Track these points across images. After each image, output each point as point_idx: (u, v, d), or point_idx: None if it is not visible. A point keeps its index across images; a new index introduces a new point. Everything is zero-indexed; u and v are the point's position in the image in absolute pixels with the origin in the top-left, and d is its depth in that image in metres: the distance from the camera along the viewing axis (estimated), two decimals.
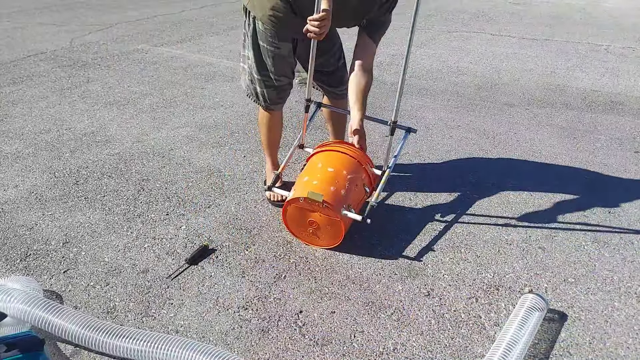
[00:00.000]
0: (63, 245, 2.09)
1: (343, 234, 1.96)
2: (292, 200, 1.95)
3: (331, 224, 1.94)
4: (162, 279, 1.89)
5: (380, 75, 4.30)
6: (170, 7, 7.56)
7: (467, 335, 1.64)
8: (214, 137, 3.11)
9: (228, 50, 5.15)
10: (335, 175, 1.97)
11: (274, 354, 1.57)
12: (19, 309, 1.51)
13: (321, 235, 2.01)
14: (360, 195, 2.06)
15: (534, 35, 5.88)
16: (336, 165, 2.02)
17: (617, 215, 2.29)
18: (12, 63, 4.63)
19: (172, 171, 2.69)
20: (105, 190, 2.50)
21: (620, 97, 3.79)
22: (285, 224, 2.08)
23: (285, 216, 2.04)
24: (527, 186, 2.54)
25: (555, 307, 1.75)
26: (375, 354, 1.57)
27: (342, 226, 1.93)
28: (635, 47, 5.26)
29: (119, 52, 5.02)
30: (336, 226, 1.94)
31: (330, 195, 1.88)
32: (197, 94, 3.87)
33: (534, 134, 3.16)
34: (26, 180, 2.60)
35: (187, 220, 2.26)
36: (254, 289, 1.84)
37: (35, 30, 5.93)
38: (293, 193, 1.97)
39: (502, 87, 4.06)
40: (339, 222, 1.92)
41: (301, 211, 1.97)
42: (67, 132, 3.17)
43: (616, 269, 1.94)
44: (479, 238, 2.13)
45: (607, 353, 1.57)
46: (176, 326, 1.67)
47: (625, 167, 2.73)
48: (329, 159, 2.08)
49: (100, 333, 1.47)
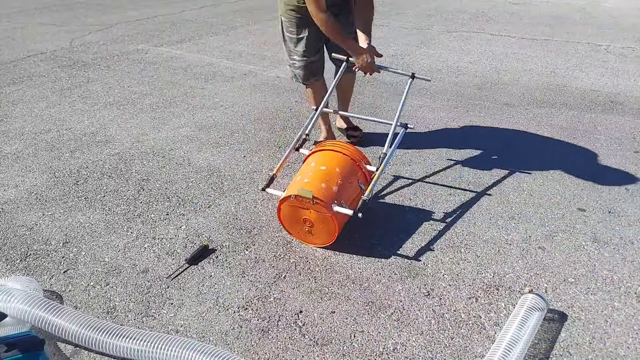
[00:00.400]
0: (63, 245, 2.09)
1: (337, 230, 1.96)
2: (284, 199, 1.97)
3: (324, 221, 1.95)
4: (162, 279, 1.89)
5: (379, 76, 4.30)
6: (170, 7, 7.56)
7: (467, 335, 1.64)
8: (213, 137, 3.11)
9: (228, 51, 5.15)
10: (327, 173, 2.00)
11: (274, 353, 1.57)
12: (19, 309, 1.51)
13: (316, 233, 2.01)
14: (356, 192, 2.07)
15: (533, 35, 5.88)
16: (329, 163, 2.05)
17: (617, 215, 2.29)
18: (12, 63, 4.64)
19: (172, 171, 2.69)
20: (105, 191, 2.50)
21: (620, 97, 3.79)
22: (281, 223, 2.08)
23: (280, 215, 2.04)
24: (527, 186, 2.54)
25: (555, 307, 1.75)
26: (375, 354, 1.57)
27: (334, 223, 1.93)
28: (635, 47, 5.27)
29: (119, 52, 5.02)
30: (329, 223, 1.94)
31: (320, 191, 1.90)
32: (197, 94, 3.87)
33: (534, 134, 3.16)
34: (26, 180, 2.60)
35: (187, 220, 2.26)
36: (254, 289, 1.84)
37: (35, 31, 5.93)
38: (285, 192, 1.99)
39: (502, 87, 4.06)
40: (331, 219, 1.92)
41: (295, 209, 1.98)
42: (67, 132, 3.17)
43: (616, 268, 1.94)
44: (479, 238, 2.13)
45: (607, 353, 1.57)
46: (176, 326, 1.67)
47: (625, 166, 2.73)
48: (322, 158, 2.11)
49: (101, 333, 1.47)
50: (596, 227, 2.21)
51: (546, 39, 5.73)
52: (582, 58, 4.90)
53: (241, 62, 4.74)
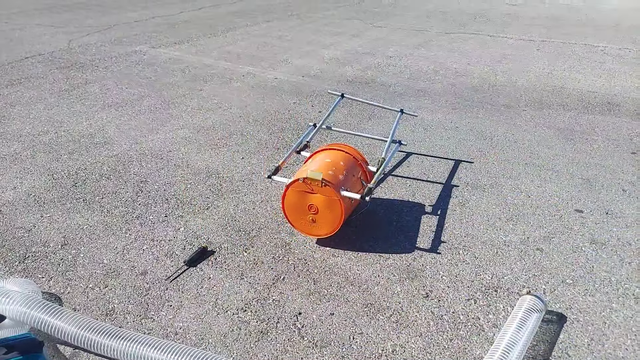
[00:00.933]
0: (62, 247, 2.09)
1: (342, 216, 1.97)
2: (291, 184, 1.99)
3: (330, 206, 1.96)
4: (161, 280, 1.89)
5: (377, 77, 4.30)
6: (169, 8, 7.56)
7: (465, 337, 1.64)
8: (212, 139, 3.11)
9: (226, 52, 5.15)
10: (332, 164, 2.07)
11: (273, 355, 1.57)
12: (18, 311, 1.51)
13: (320, 222, 2.02)
14: (358, 187, 2.11)
15: (531, 37, 5.90)
16: (333, 158, 2.13)
17: (614, 216, 2.30)
18: (10, 65, 4.63)
19: (171, 173, 2.69)
20: (104, 192, 2.50)
21: (616, 99, 3.80)
22: (284, 213, 2.08)
23: (284, 204, 2.05)
24: (525, 188, 2.54)
25: (553, 308, 1.75)
26: (374, 356, 1.57)
27: (341, 207, 1.94)
28: (631, 49, 5.28)
29: (117, 54, 5.01)
30: (335, 209, 1.96)
31: (329, 176, 1.96)
32: (195, 96, 3.87)
33: (532, 135, 3.17)
34: (24, 182, 2.59)
35: (185, 222, 2.26)
36: (252, 291, 1.84)
37: (33, 32, 5.92)
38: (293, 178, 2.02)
39: (499, 89, 4.07)
40: (338, 203, 1.94)
41: (301, 195, 1.99)
42: (65, 133, 3.17)
43: (614, 270, 1.95)
44: (477, 239, 2.14)
45: (605, 354, 1.57)
46: (175, 328, 1.67)
47: (622, 168, 2.74)
48: (326, 154, 2.19)
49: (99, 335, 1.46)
50: (594, 228, 2.21)
51: (543, 40, 5.74)
52: (580, 59, 4.92)
53: (239, 64, 4.74)
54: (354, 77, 4.33)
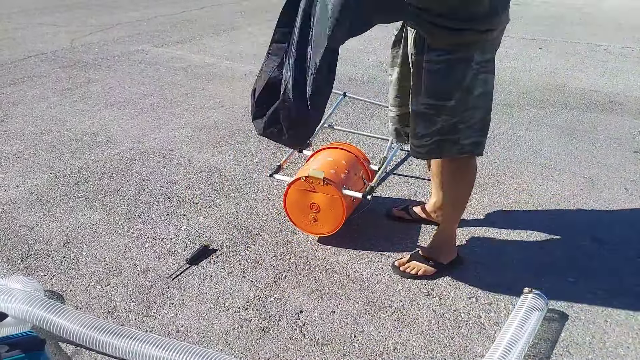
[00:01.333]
0: (64, 245, 2.09)
1: (344, 214, 1.97)
2: (293, 182, 1.99)
3: (332, 204, 1.96)
4: (163, 279, 1.90)
5: (380, 76, 4.30)
6: (171, 7, 7.57)
7: (467, 335, 1.64)
8: (214, 138, 3.11)
9: (229, 51, 5.15)
10: (334, 163, 2.08)
11: (275, 353, 1.57)
12: (20, 309, 1.51)
13: (322, 221, 2.02)
14: (360, 186, 2.11)
15: (533, 35, 5.88)
16: (335, 156, 2.14)
17: (616, 214, 2.30)
18: (12, 64, 4.64)
19: (173, 171, 2.70)
20: (106, 191, 2.50)
21: (619, 97, 3.79)
22: (286, 212, 2.08)
23: (286, 202, 2.05)
24: (527, 186, 2.54)
25: (555, 306, 1.75)
26: (375, 354, 1.57)
27: (343, 205, 1.95)
28: (634, 47, 5.27)
29: (120, 53, 5.02)
30: (337, 207, 1.96)
31: (330, 175, 1.97)
32: (198, 95, 3.87)
33: (534, 134, 3.16)
34: (27, 180, 2.61)
35: (187, 220, 2.27)
36: (254, 289, 1.84)
37: (35, 31, 5.94)
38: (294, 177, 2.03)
39: (501, 87, 4.06)
40: (340, 201, 1.94)
41: (303, 194, 2.00)
42: (67, 132, 3.18)
43: (616, 268, 1.95)
44: (479, 238, 2.14)
45: (607, 353, 1.57)
46: (177, 326, 1.67)
47: (625, 166, 2.73)
48: (327, 153, 2.20)
49: (102, 333, 1.47)
50: (596, 226, 2.21)
51: (545, 39, 5.73)
52: (582, 58, 4.90)
53: (242, 63, 4.74)
54: (355, 76, 4.33)
